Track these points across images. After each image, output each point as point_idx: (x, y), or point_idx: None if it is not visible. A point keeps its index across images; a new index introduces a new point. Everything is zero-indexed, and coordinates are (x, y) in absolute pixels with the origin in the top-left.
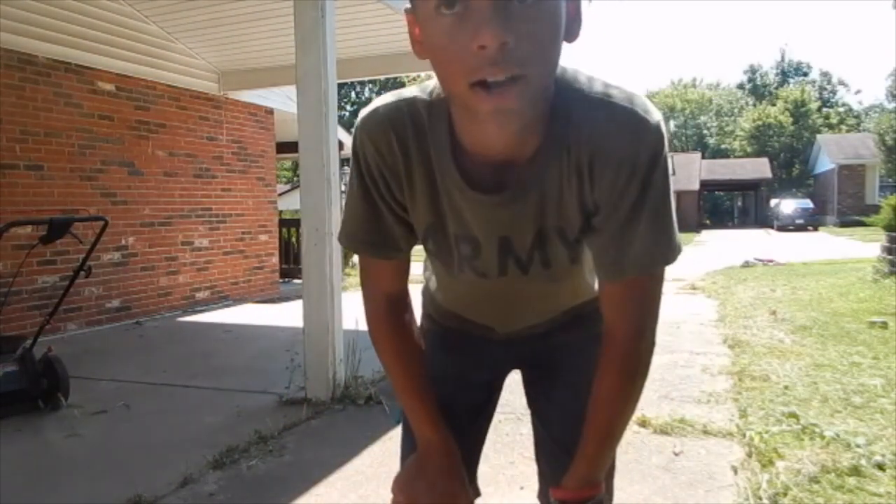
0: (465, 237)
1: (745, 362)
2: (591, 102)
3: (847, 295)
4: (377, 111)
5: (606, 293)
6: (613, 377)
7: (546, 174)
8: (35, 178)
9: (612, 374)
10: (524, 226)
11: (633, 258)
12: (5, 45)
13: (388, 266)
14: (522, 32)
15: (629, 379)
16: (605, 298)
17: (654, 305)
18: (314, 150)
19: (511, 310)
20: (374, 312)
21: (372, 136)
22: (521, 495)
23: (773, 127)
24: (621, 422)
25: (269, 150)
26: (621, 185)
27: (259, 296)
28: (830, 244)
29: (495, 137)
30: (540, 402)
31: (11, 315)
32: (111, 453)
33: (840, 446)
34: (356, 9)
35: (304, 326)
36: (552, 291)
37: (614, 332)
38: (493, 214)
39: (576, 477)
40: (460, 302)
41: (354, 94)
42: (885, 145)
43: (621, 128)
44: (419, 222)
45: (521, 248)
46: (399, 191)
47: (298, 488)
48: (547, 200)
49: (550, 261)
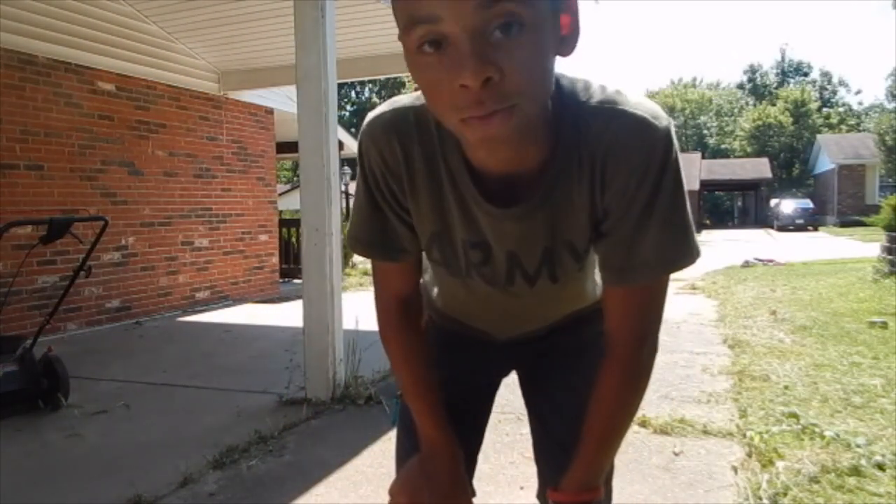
0: (476, 244)
1: (745, 362)
2: (599, 110)
3: (847, 295)
4: (383, 116)
5: (611, 297)
6: (615, 382)
7: (558, 185)
8: (35, 178)
9: (613, 379)
10: (533, 243)
11: (643, 263)
12: (5, 45)
13: (396, 268)
14: (507, 64)
15: (631, 384)
16: (608, 303)
17: (657, 311)
18: (314, 150)
19: (512, 318)
20: (385, 313)
21: (376, 142)
22: (521, 495)
23: (773, 127)
24: (621, 427)
25: (269, 150)
26: (632, 189)
27: (259, 296)
28: (830, 244)
29: (489, 161)
30: (539, 402)
31: (11, 315)
32: (111, 453)
33: (840, 446)
34: (356, 9)
35: (304, 326)
36: (555, 298)
37: (617, 336)
38: (504, 228)
39: (574, 480)
40: (460, 309)
41: (354, 94)
42: (885, 145)
43: (630, 133)
44: (423, 229)
45: (528, 264)
46: (403, 196)
47: (298, 488)
48: (559, 214)
49: (558, 275)
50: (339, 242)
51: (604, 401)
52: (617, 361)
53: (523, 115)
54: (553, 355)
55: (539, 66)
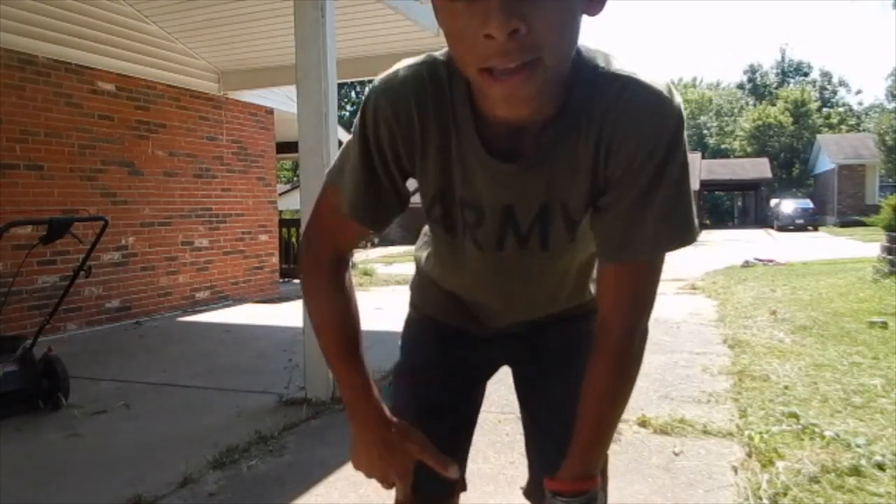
0: (470, 204)
1: (745, 362)
2: (616, 77)
3: (847, 295)
4: (397, 75)
5: (606, 276)
6: (608, 368)
7: (563, 144)
8: (35, 178)
9: (606, 365)
10: (531, 197)
11: (643, 239)
12: (5, 45)
13: (355, 229)
14: (535, 17)
15: (624, 370)
16: (603, 283)
17: (651, 293)
18: (314, 150)
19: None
20: (316, 266)
21: (391, 102)
22: (521, 495)
23: (773, 127)
24: (615, 414)
25: (269, 150)
26: (638, 162)
27: (259, 296)
28: (830, 244)
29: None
30: (533, 400)
31: (11, 315)
32: (111, 453)
33: (840, 446)
34: (356, 9)
35: (304, 326)
36: (549, 285)
37: (610, 319)
38: (506, 182)
39: (570, 469)
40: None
41: (354, 94)
42: (885, 145)
43: (645, 105)
44: (428, 189)
45: (523, 219)
46: (409, 158)
47: (298, 488)
48: (559, 172)
49: (549, 241)
50: None
51: (596, 387)
52: (609, 347)
53: (546, 71)
54: (546, 354)
55: (566, 22)
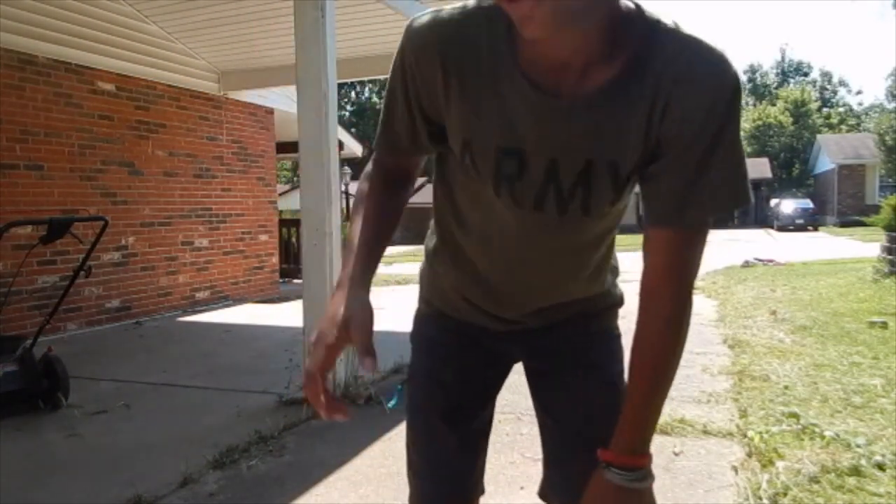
0: (512, 151)
1: (745, 362)
2: (676, 34)
3: (847, 295)
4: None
5: (655, 241)
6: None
7: (614, 91)
8: (35, 178)
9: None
10: (577, 149)
11: (699, 204)
12: (5, 45)
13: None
14: None
15: (676, 332)
16: (652, 248)
17: (700, 258)
18: (314, 150)
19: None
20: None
21: (415, 47)
22: (522, 495)
23: (773, 127)
24: (668, 379)
25: (269, 150)
26: (697, 125)
27: (259, 296)
28: (830, 244)
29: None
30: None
31: (11, 315)
32: (111, 453)
33: (840, 446)
34: (356, 9)
35: (304, 326)
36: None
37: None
38: (550, 118)
39: (623, 442)
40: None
41: (354, 94)
42: (885, 145)
43: (707, 65)
44: (456, 137)
45: (566, 176)
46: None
47: (298, 488)
48: (609, 124)
49: (591, 205)
50: (340, 242)
51: (650, 354)
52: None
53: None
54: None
55: None
